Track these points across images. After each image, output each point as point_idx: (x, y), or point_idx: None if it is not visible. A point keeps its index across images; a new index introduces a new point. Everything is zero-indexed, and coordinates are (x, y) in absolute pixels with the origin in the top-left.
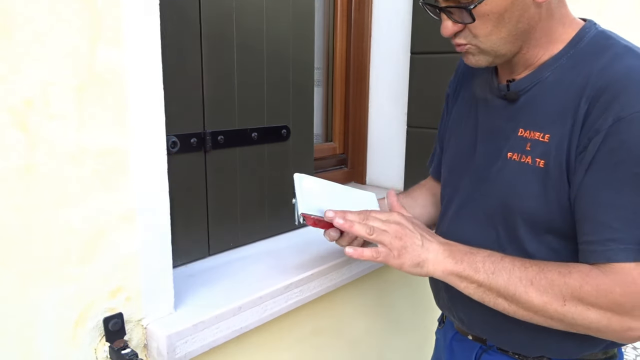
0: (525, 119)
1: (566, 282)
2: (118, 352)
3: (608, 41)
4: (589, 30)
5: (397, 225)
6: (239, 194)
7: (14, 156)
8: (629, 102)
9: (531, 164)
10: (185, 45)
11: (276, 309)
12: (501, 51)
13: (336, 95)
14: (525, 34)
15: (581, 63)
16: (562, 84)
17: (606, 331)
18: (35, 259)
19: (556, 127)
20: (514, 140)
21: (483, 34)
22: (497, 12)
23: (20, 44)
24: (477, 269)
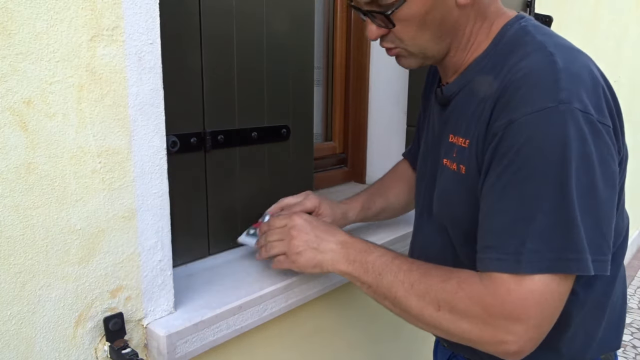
0: (453, 124)
1: (443, 288)
2: (118, 351)
3: (524, 38)
4: (510, 26)
5: (293, 230)
6: (239, 193)
7: (14, 155)
8: (520, 104)
9: (456, 171)
10: (185, 45)
11: (276, 308)
12: (429, 53)
13: (336, 95)
14: (450, 36)
15: (499, 63)
16: (482, 86)
17: (480, 342)
18: (35, 259)
19: (472, 131)
20: (446, 146)
21: (407, 37)
22: (418, 16)
23: (20, 44)
24: (367, 269)
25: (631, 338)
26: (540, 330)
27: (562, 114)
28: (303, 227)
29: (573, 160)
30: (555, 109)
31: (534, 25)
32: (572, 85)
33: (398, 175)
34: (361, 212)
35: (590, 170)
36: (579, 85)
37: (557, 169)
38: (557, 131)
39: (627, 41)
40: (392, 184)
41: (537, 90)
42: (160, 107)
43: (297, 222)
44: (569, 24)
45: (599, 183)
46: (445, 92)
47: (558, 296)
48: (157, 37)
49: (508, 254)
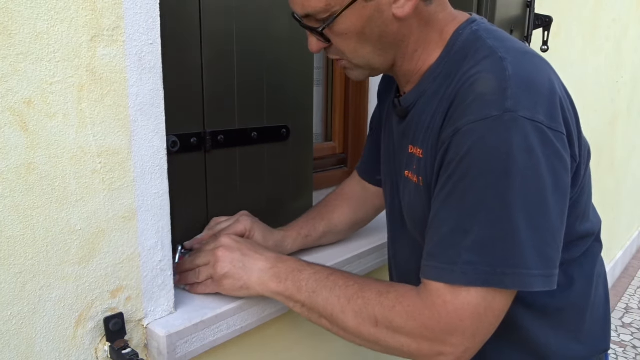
0: (412, 135)
1: (381, 302)
2: (119, 352)
3: (476, 44)
4: (462, 32)
5: (218, 250)
6: (239, 193)
7: (15, 156)
8: (466, 112)
9: (416, 182)
10: (185, 45)
11: (276, 308)
12: (374, 65)
13: (336, 95)
14: (393, 48)
15: (453, 71)
16: (438, 95)
17: (418, 355)
18: (35, 259)
19: (427, 142)
20: (408, 158)
21: (348, 50)
22: (355, 30)
23: (20, 44)
24: (300, 287)
25: (631, 338)
26: (476, 341)
27: (507, 123)
28: (229, 246)
29: (516, 171)
30: (499, 117)
31: (486, 29)
32: (521, 93)
33: (343, 195)
34: (299, 239)
35: (537, 181)
36: (529, 92)
37: (497, 180)
38: (500, 141)
39: (628, 41)
40: (336, 205)
41: (483, 99)
42: (161, 107)
43: (224, 242)
44: (569, 24)
45: (547, 194)
46: (403, 104)
47: (494, 309)
48: (157, 37)
49: (444, 264)
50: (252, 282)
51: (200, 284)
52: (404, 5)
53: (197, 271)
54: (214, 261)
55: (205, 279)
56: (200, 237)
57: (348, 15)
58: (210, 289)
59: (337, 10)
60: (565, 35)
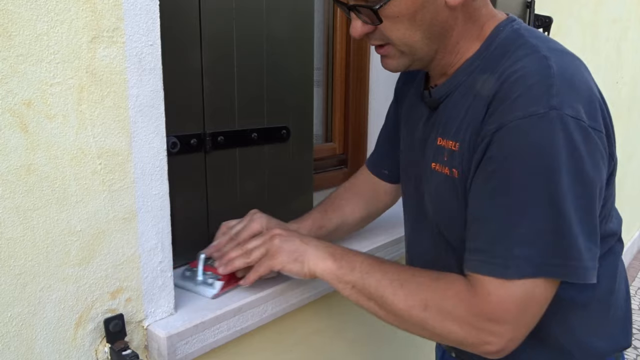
0: (442, 127)
1: (432, 287)
2: (119, 353)
3: (517, 41)
4: (502, 29)
5: (273, 229)
6: (239, 194)
7: (15, 157)
8: (511, 108)
9: (449, 175)
10: (185, 45)
11: (276, 309)
12: (418, 54)
13: (336, 96)
14: (440, 37)
15: (491, 66)
16: (474, 89)
17: (464, 343)
18: (35, 260)
19: (463, 135)
20: (435, 150)
21: (396, 36)
22: (408, 14)
23: (20, 45)
24: (354, 267)
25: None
26: (521, 332)
27: (553, 120)
28: (284, 232)
29: (562, 167)
30: (546, 115)
31: (527, 28)
32: (565, 91)
33: (354, 189)
34: (313, 231)
35: (582, 177)
36: (572, 91)
37: (544, 177)
38: (546, 138)
39: (628, 42)
40: (348, 199)
41: (529, 95)
42: (161, 108)
43: (277, 230)
44: (569, 24)
45: (591, 189)
46: (434, 95)
47: (539, 301)
48: (157, 39)
49: (495, 258)
50: (308, 256)
51: (252, 271)
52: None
53: (248, 253)
54: (269, 237)
55: (258, 257)
56: (217, 243)
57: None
58: (263, 268)
59: None
60: (565, 35)
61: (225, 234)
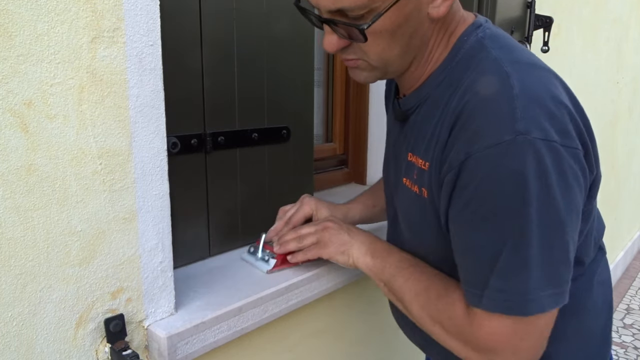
0: (412, 142)
1: (437, 306)
2: (119, 353)
3: (479, 54)
4: (466, 38)
5: (326, 221)
6: (240, 194)
7: (15, 157)
8: (476, 136)
9: (418, 194)
10: (185, 45)
11: (277, 310)
12: (392, 68)
13: (336, 96)
14: (416, 50)
15: (455, 80)
16: (439, 104)
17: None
18: (36, 260)
19: (431, 154)
20: (406, 165)
21: (374, 51)
22: (390, 30)
23: (20, 45)
24: (385, 268)
25: (632, 339)
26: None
27: (520, 146)
28: (335, 221)
29: (533, 198)
30: (512, 142)
31: (492, 35)
32: (530, 113)
33: None
34: (365, 210)
35: (553, 205)
36: (538, 110)
37: (514, 208)
38: (514, 166)
39: (628, 42)
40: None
41: (493, 121)
42: (161, 108)
43: (330, 219)
44: (569, 25)
45: (562, 215)
46: (403, 107)
47: (530, 332)
48: (157, 39)
49: (475, 289)
50: (353, 250)
51: (301, 252)
52: (440, 5)
53: (301, 238)
54: (321, 228)
55: (309, 244)
56: (275, 227)
57: (390, 13)
58: (312, 254)
59: (380, 6)
60: (565, 36)
61: (281, 218)
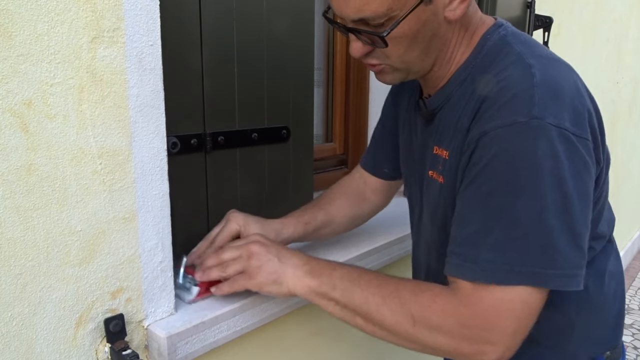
0: (438, 136)
1: (417, 301)
2: (119, 353)
3: (504, 49)
4: (489, 36)
5: (251, 244)
6: (239, 194)
7: (15, 157)
8: (493, 117)
9: (442, 182)
10: (185, 45)
11: (277, 309)
12: (414, 68)
13: (336, 96)
14: (437, 51)
15: (479, 75)
16: (464, 98)
17: (458, 354)
18: (35, 260)
19: (453, 143)
20: (432, 158)
21: (396, 55)
22: (410, 34)
23: (20, 45)
24: (334, 285)
25: (632, 339)
26: (516, 339)
27: (533, 129)
28: (262, 242)
29: (541, 177)
30: (526, 124)
31: (513, 33)
32: (547, 99)
33: (342, 189)
34: (299, 227)
35: (562, 186)
36: (555, 99)
37: (523, 185)
38: (528, 146)
39: (628, 42)
40: (334, 198)
41: (511, 104)
42: (161, 108)
43: (256, 238)
44: (569, 24)
45: (572, 199)
46: (429, 106)
47: (530, 306)
48: (157, 39)
49: (466, 262)
50: (287, 276)
51: (227, 283)
52: (456, 7)
53: (224, 265)
54: (247, 255)
55: (234, 273)
56: (198, 248)
57: (408, 19)
58: (238, 285)
59: (398, 14)
60: (565, 36)
61: (206, 238)
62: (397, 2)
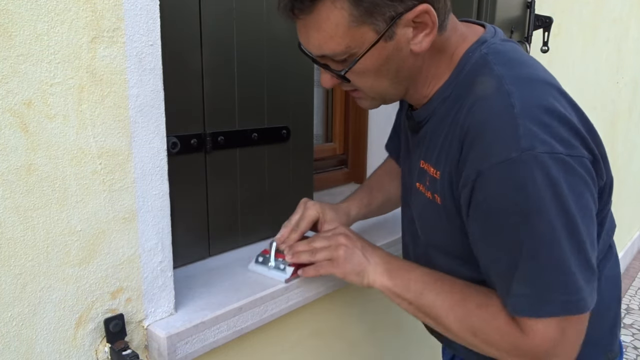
0: (425, 151)
1: (479, 315)
2: (119, 353)
3: (482, 70)
4: (471, 54)
5: (340, 236)
6: (239, 194)
7: (15, 157)
8: (484, 154)
9: (431, 199)
10: (185, 45)
11: (277, 309)
12: (388, 96)
13: (336, 96)
14: (408, 80)
15: (461, 96)
16: (448, 117)
17: None
18: (35, 260)
19: (443, 165)
20: (419, 171)
21: (364, 86)
22: (373, 69)
23: (20, 45)
24: (409, 287)
25: (632, 339)
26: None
27: (526, 162)
28: (350, 235)
29: (544, 207)
30: (518, 158)
31: (496, 51)
32: (532, 129)
33: (391, 169)
34: (362, 208)
35: (566, 211)
36: (541, 125)
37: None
38: (526, 181)
39: (628, 42)
40: (388, 178)
41: (498, 140)
42: (161, 108)
43: (344, 230)
44: (569, 24)
45: (578, 220)
46: (416, 118)
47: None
48: (157, 39)
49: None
50: (369, 271)
51: (313, 267)
52: (422, 41)
53: (314, 251)
54: (335, 244)
55: (322, 259)
56: (282, 234)
57: (368, 56)
58: (325, 270)
59: (357, 52)
60: (565, 36)
61: (285, 226)
62: (354, 41)
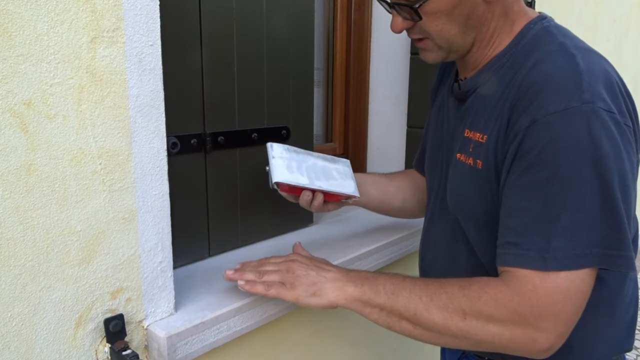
0: (470, 120)
1: (465, 295)
2: (119, 353)
3: (546, 38)
4: (533, 26)
5: (290, 262)
6: (239, 194)
7: (15, 157)
8: (543, 104)
9: (472, 165)
10: (185, 45)
11: (277, 309)
12: (454, 46)
13: (336, 96)
14: (475, 30)
15: (519, 62)
16: (502, 84)
17: (512, 346)
18: (35, 260)
19: (491, 128)
20: (462, 141)
21: (434, 31)
22: (446, 10)
23: (20, 45)
24: (378, 291)
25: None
26: (569, 325)
27: (586, 113)
28: (303, 260)
29: (599, 159)
30: (578, 108)
31: (556, 26)
32: (594, 86)
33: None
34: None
35: (620, 167)
36: (601, 86)
37: (582, 169)
38: (581, 131)
39: (628, 42)
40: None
41: (560, 91)
42: (161, 108)
43: (298, 257)
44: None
45: (629, 180)
46: (463, 87)
47: (582, 291)
48: (157, 39)
49: (532, 251)
50: (327, 288)
51: (262, 284)
52: None
53: (262, 273)
54: (285, 268)
55: (272, 281)
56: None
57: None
58: (274, 292)
59: None
60: None
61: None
62: None
